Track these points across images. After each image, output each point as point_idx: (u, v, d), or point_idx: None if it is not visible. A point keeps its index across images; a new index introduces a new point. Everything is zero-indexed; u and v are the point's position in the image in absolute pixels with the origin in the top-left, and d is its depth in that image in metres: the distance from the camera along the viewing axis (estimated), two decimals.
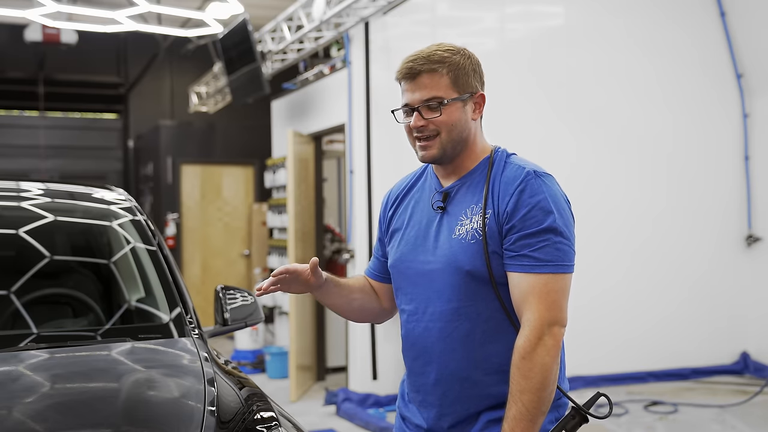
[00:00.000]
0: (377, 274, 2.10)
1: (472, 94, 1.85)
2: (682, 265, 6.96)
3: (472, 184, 1.86)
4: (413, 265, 1.89)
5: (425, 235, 1.89)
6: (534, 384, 1.70)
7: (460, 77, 1.83)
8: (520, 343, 1.73)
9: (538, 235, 1.74)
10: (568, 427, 1.74)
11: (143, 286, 2.73)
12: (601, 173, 6.76)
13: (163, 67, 10.86)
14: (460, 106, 1.83)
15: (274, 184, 7.82)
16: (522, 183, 1.77)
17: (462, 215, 1.83)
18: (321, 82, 6.93)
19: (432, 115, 1.82)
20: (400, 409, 2.03)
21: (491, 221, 1.78)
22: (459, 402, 1.85)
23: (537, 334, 1.71)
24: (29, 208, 2.82)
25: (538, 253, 1.73)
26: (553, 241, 1.74)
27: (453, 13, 6.47)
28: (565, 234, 1.76)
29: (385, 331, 5.94)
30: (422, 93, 1.81)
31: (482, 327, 1.81)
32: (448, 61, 1.82)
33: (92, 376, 2.19)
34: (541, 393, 1.70)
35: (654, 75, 6.99)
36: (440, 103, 1.81)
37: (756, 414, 5.67)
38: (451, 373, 1.84)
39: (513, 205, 1.76)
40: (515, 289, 1.76)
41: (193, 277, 9.87)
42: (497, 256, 1.78)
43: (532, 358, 1.70)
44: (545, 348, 1.71)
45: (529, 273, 1.74)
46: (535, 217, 1.74)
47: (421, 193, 1.97)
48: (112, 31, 8.40)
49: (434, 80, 1.81)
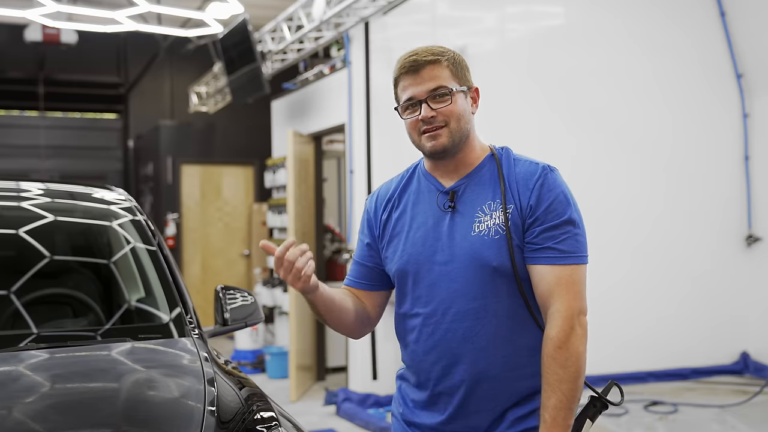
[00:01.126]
0: (360, 281, 1.99)
1: (469, 87, 1.88)
2: (681, 265, 6.96)
3: (481, 182, 1.86)
4: (427, 266, 1.85)
5: (436, 236, 1.85)
6: (571, 372, 1.74)
7: (459, 70, 1.86)
8: (553, 334, 1.74)
9: (560, 227, 1.77)
10: (589, 414, 1.81)
11: (143, 286, 2.73)
12: (600, 173, 6.76)
13: (163, 67, 10.85)
14: (464, 97, 1.86)
15: (274, 184, 7.82)
16: (541, 177, 1.80)
17: (479, 212, 1.82)
18: (321, 82, 6.93)
19: (440, 104, 1.82)
20: (404, 416, 1.95)
21: (514, 216, 1.79)
22: (486, 401, 1.83)
23: (570, 324, 1.74)
24: (29, 208, 2.82)
25: (562, 245, 1.77)
26: (573, 232, 1.78)
27: (453, 13, 6.46)
28: (581, 226, 1.81)
29: (385, 331, 5.93)
30: (428, 84, 1.82)
31: (507, 324, 1.81)
32: (447, 54, 1.86)
33: (92, 376, 2.19)
34: (578, 381, 1.75)
35: (654, 75, 6.99)
36: (449, 91, 1.82)
37: (756, 414, 5.67)
38: (480, 372, 1.81)
39: (536, 198, 1.78)
40: (541, 281, 1.77)
41: (193, 277, 9.87)
42: (520, 251, 1.79)
43: (567, 347, 1.74)
44: (577, 337, 1.75)
45: (555, 265, 1.76)
46: (556, 209, 1.78)
47: (418, 194, 1.93)
48: (112, 31, 8.41)
49: (438, 71, 1.83)
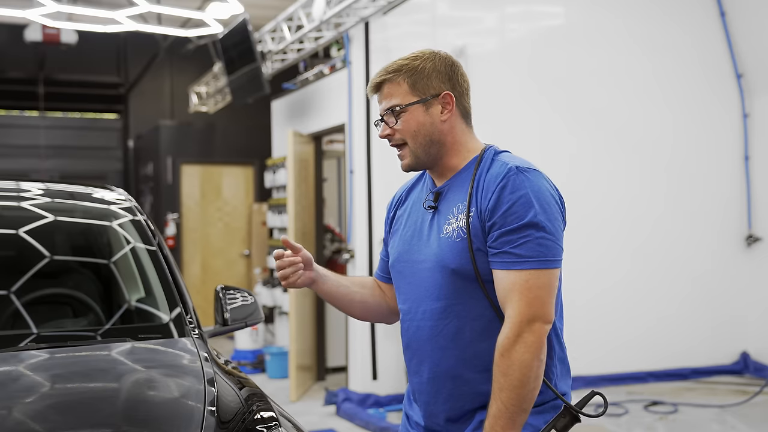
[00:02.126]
0: (382, 275, 2.14)
1: (435, 95, 1.86)
2: (682, 265, 6.96)
3: (461, 184, 1.87)
4: (408, 265, 1.93)
5: (419, 235, 1.92)
6: (512, 381, 1.69)
7: (418, 81, 1.86)
8: (499, 341, 1.73)
9: (518, 231, 1.73)
10: (558, 426, 1.72)
11: (143, 286, 2.73)
12: (601, 173, 6.76)
13: (163, 67, 10.85)
14: (422, 109, 1.86)
15: (274, 184, 7.82)
16: (504, 179, 1.76)
17: (449, 214, 1.85)
18: (321, 82, 6.93)
19: (392, 122, 1.88)
20: (405, 407, 2.06)
21: (474, 219, 1.79)
22: (452, 400, 1.86)
23: (516, 331, 1.70)
24: (29, 208, 2.82)
25: (519, 250, 1.72)
26: (534, 236, 1.72)
27: (453, 13, 6.46)
28: (548, 229, 1.73)
29: (385, 331, 5.93)
30: (385, 103, 1.89)
31: (471, 325, 1.82)
32: (405, 68, 1.86)
33: (92, 376, 2.19)
34: (520, 390, 1.68)
35: (654, 75, 6.99)
36: (397, 109, 1.86)
37: (756, 414, 5.67)
38: (443, 371, 1.85)
39: (494, 201, 1.75)
40: (498, 286, 1.77)
41: (193, 277, 9.87)
42: (483, 254, 1.78)
43: (510, 355, 1.70)
44: (524, 345, 1.69)
45: (511, 270, 1.73)
46: (516, 213, 1.73)
47: (420, 193, 2.00)
48: (112, 31, 8.40)
49: (393, 89, 1.87)
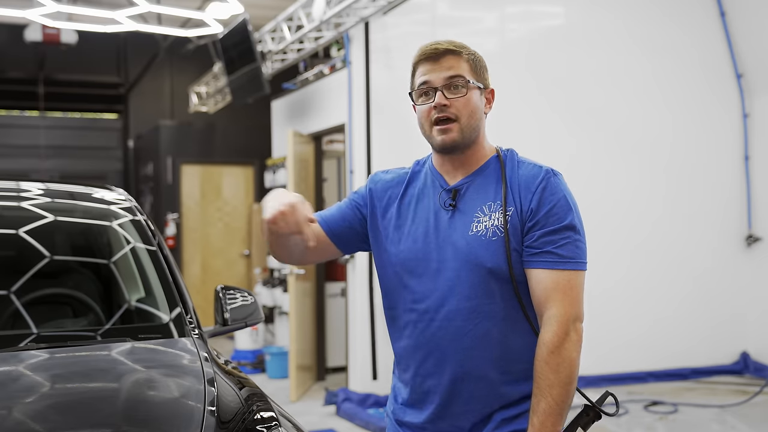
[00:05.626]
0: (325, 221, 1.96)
1: (485, 87, 1.88)
2: (682, 265, 6.96)
3: (484, 182, 1.85)
4: (424, 263, 1.84)
5: (436, 233, 1.85)
6: (562, 378, 1.73)
7: (477, 67, 1.86)
8: (548, 338, 1.74)
9: (560, 232, 1.77)
10: (582, 423, 1.79)
11: (143, 286, 2.73)
12: (600, 173, 6.76)
13: (163, 67, 10.85)
14: (479, 94, 1.86)
15: (274, 184, 7.82)
16: (543, 181, 1.79)
17: (478, 212, 1.82)
18: (321, 82, 6.93)
19: (455, 95, 1.81)
20: (396, 414, 1.96)
21: (513, 218, 1.78)
22: (472, 401, 1.82)
23: (564, 329, 1.75)
24: (29, 208, 2.81)
25: (561, 250, 1.76)
26: (573, 238, 1.78)
27: (453, 13, 6.46)
28: (582, 232, 1.81)
29: (385, 331, 5.92)
30: (446, 72, 1.81)
31: (500, 326, 1.80)
32: (468, 50, 1.86)
33: (92, 376, 2.18)
34: (569, 387, 1.73)
35: (653, 75, 6.99)
36: (465, 82, 1.82)
37: (756, 414, 5.67)
38: (467, 372, 1.81)
39: (537, 202, 1.78)
40: (539, 285, 1.77)
41: (193, 277, 9.87)
42: (517, 254, 1.79)
43: (560, 352, 1.73)
44: (571, 343, 1.75)
45: (553, 269, 1.76)
46: (557, 214, 1.77)
47: (424, 189, 1.92)
48: (112, 31, 8.40)
49: (457, 62, 1.82)
